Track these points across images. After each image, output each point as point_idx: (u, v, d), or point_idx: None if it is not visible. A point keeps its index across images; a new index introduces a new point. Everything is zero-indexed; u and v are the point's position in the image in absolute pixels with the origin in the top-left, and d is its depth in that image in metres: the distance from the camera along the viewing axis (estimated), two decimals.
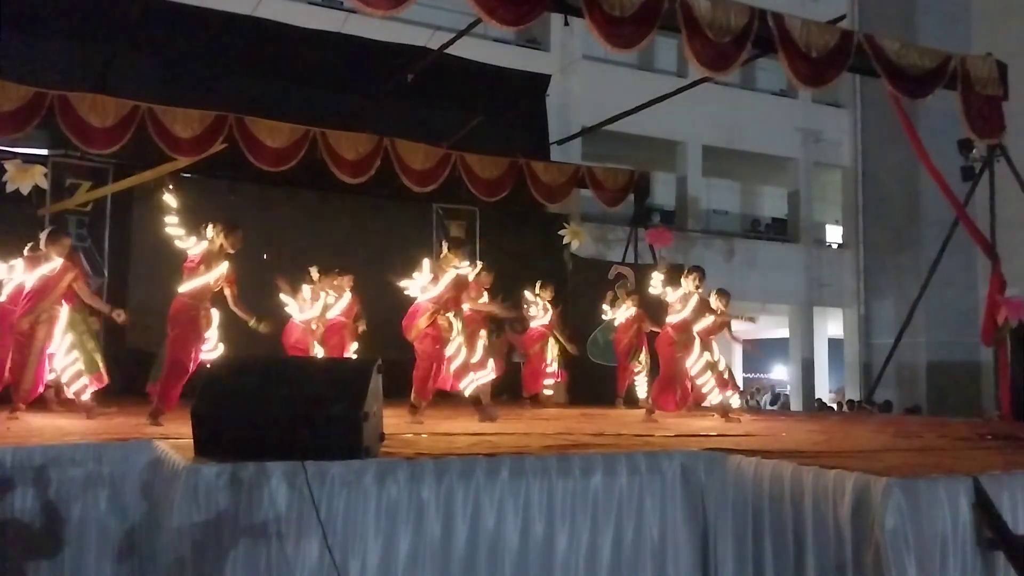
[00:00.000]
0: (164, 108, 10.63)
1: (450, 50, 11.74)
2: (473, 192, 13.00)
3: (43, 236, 7.51)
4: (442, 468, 4.13)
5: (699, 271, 8.87)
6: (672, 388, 8.67)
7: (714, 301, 9.09)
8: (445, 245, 8.12)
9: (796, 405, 19.39)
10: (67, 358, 7.53)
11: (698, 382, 8.80)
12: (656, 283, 8.74)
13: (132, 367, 11.40)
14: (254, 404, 4.21)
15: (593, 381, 12.04)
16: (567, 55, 16.84)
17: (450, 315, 7.77)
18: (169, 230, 6.95)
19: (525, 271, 11.71)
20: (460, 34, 11.51)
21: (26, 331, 7.18)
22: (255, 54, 12.14)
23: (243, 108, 11.24)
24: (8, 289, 7.53)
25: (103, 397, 7.97)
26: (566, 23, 10.39)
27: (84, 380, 7.53)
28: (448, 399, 8.43)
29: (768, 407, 19.61)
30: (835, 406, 17.92)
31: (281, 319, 9.05)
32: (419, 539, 4.03)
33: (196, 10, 11.93)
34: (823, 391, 20.65)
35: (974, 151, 13.71)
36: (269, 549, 3.80)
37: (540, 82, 14.85)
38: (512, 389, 12.29)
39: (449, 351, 7.74)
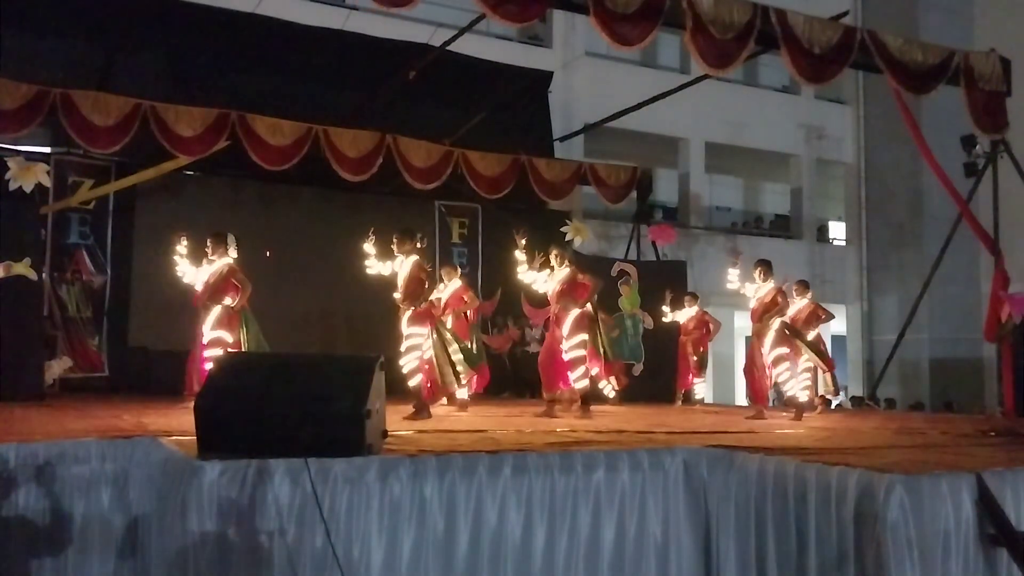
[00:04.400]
0: (166, 106, 10.64)
1: (452, 47, 11.73)
2: (475, 189, 13.00)
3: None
4: (444, 465, 4.13)
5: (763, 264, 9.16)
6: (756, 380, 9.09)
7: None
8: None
9: None
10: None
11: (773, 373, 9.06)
12: (733, 279, 9.14)
13: (135, 364, 11.46)
14: (257, 401, 4.21)
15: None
16: (569, 52, 16.82)
17: None
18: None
19: None
20: (462, 31, 11.51)
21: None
22: (257, 52, 12.15)
23: (245, 106, 11.25)
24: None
25: (108, 393, 7.99)
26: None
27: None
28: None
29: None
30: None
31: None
32: (422, 536, 4.04)
33: (198, 8, 11.94)
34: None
35: (977, 147, 13.70)
36: (272, 546, 3.81)
37: (542, 79, 14.84)
38: (515, 385, 12.30)
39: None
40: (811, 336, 9.81)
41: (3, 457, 4.29)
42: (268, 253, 11.02)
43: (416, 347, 7.74)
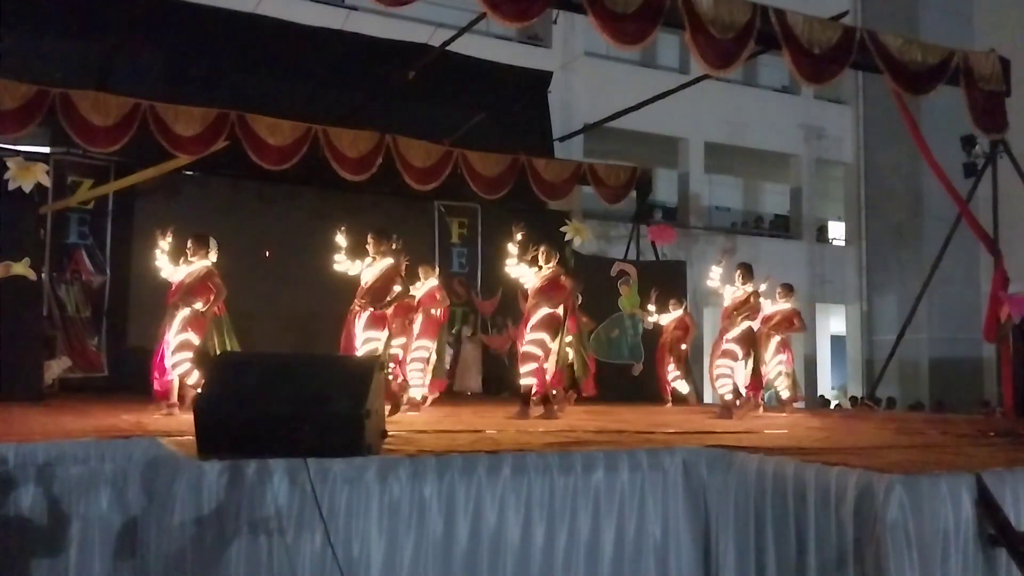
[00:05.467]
0: (166, 106, 10.64)
1: (452, 47, 11.73)
2: (474, 189, 13.00)
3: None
4: (444, 465, 4.13)
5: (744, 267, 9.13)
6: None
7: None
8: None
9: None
10: None
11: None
12: (715, 276, 9.11)
13: (134, 364, 11.44)
14: (257, 401, 4.21)
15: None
16: (569, 52, 16.81)
17: None
18: None
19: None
20: (462, 31, 11.52)
21: None
22: (256, 51, 12.15)
23: (244, 106, 11.25)
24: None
25: (107, 393, 7.98)
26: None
27: None
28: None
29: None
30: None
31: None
32: (421, 536, 4.04)
33: (197, 7, 11.95)
34: (825, 388, 20.64)
35: (976, 147, 13.70)
36: (271, 546, 3.81)
37: (542, 79, 14.85)
38: (514, 386, 12.24)
39: None
40: (777, 340, 9.80)
41: (2, 457, 4.29)
42: (267, 253, 11.02)
43: (374, 351, 7.59)
